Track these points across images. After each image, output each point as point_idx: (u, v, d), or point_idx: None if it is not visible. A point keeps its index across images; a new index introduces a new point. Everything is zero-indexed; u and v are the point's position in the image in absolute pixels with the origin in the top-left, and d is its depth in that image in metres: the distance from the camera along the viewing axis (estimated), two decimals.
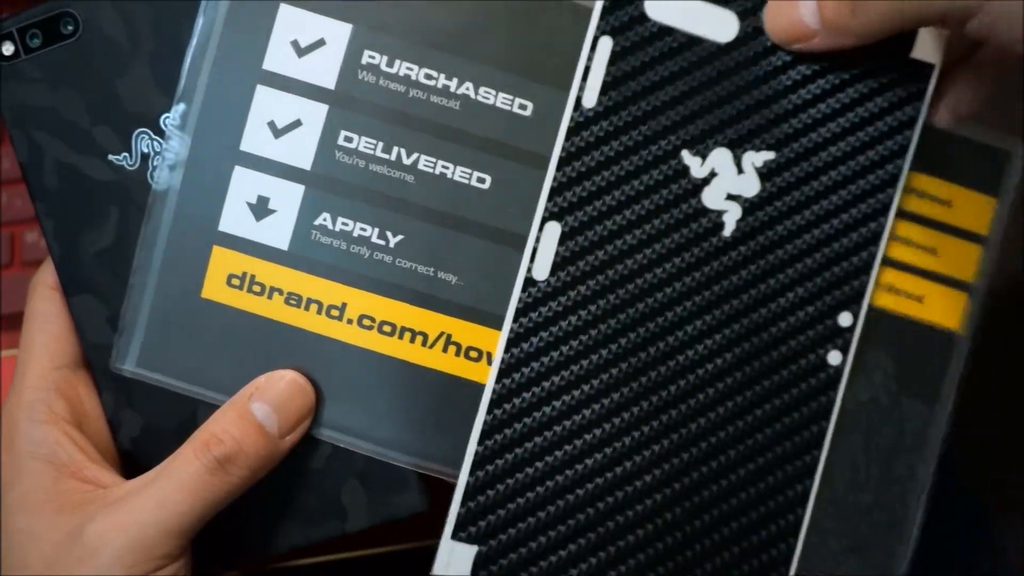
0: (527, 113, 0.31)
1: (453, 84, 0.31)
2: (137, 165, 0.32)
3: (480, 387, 0.31)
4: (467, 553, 0.30)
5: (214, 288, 0.31)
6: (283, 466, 0.31)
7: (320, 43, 0.31)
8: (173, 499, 0.29)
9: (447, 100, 0.31)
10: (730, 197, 0.31)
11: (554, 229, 0.30)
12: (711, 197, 0.31)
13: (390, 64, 0.31)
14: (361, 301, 0.31)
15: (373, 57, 0.31)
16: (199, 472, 0.29)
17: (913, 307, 0.32)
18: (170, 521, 0.29)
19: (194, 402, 0.31)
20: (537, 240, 0.30)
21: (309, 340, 0.31)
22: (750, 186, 0.31)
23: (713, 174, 0.31)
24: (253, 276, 0.31)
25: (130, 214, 0.32)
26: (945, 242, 0.33)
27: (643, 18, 0.31)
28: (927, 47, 0.31)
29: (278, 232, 0.31)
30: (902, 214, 0.32)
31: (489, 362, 0.31)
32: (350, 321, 0.31)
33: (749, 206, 0.31)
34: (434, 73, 0.31)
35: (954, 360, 0.32)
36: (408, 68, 0.31)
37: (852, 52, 0.30)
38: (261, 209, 0.31)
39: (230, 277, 0.31)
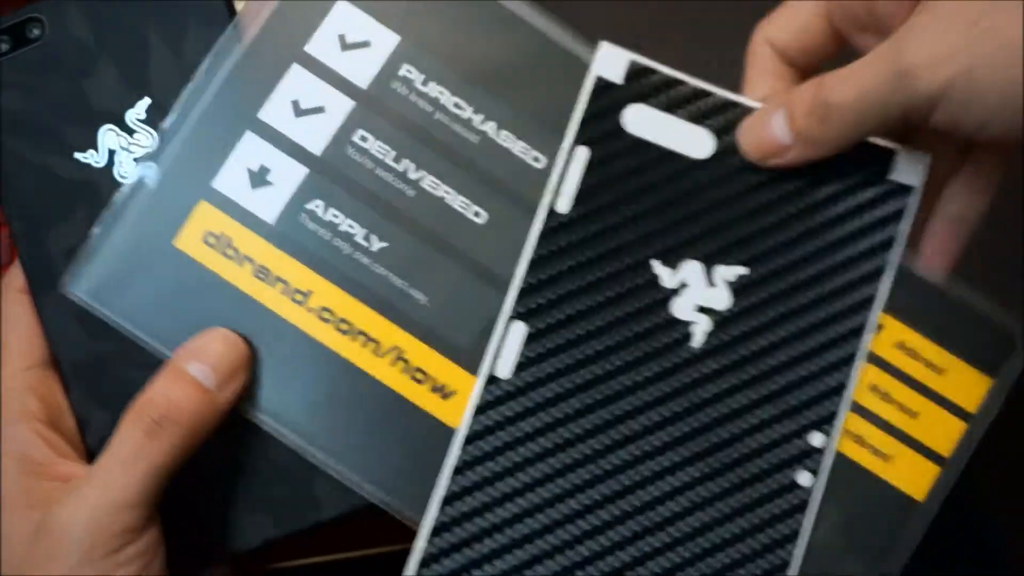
0: (540, 166, 0.32)
1: (478, 119, 0.32)
2: (104, 163, 0.33)
3: (417, 409, 0.31)
4: None
5: (189, 240, 0.31)
6: (252, 458, 0.31)
7: (365, 44, 0.32)
8: (118, 474, 0.28)
9: (468, 132, 0.32)
10: (700, 309, 0.31)
11: (520, 329, 0.31)
12: (681, 308, 0.31)
13: (425, 83, 0.32)
14: (327, 293, 0.31)
15: (410, 72, 0.32)
16: (137, 439, 0.29)
17: (879, 465, 0.31)
18: (121, 496, 0.28)
19: None
20: (502, 339, 0.30)
21: (265, 316, 0.31)
22: (721, 299, 0.31)
23: (684, 285, 0.31)
24: (231, 240, 0.31)
25: (98, 211, 0.32)
26: (929, 409, 0.32)
27: (620, 130, 0.32)
28: (906, 168, 0.31)
29: (269, 205, 0.31)
30: (890, 370, 0.32)
31: (433, 389, 0.31)
32: (311, 309, 0.31)
33: (719, 320, 0.31)
34: (463, 104, 0.32)
35: (910, 528, 0.31)
36: (440, 91, 0.32)
37: (832, 173, 0.31)
38: (259, 178, 0.31)
39: (207, 234, 0.31)
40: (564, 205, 0.31)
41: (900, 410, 0.32)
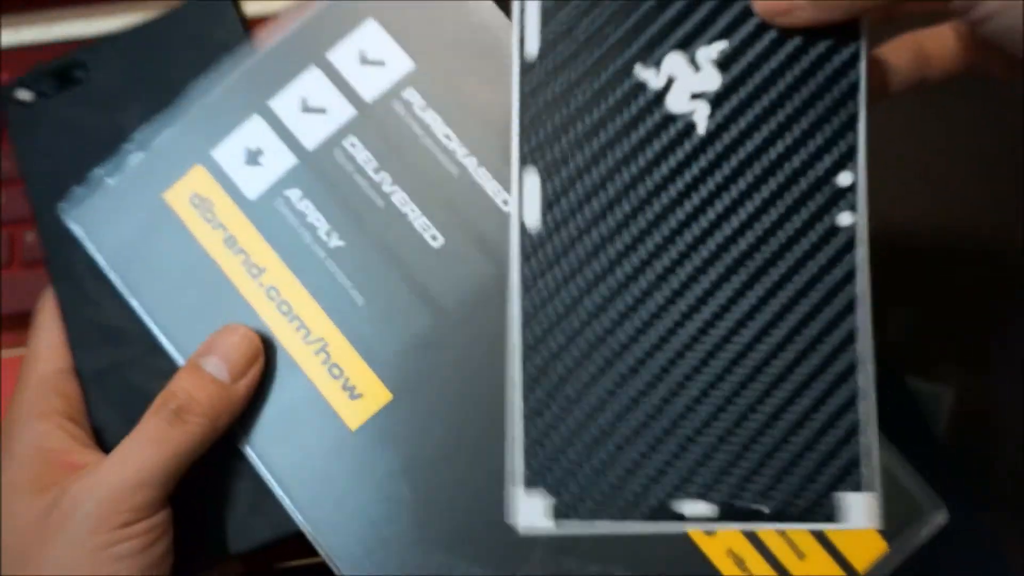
0: (506, 209, 0.33)
1: (462, 153, 0.34)
2: None
3: (324, 403, 0.32)
4: (544, 503, 0.29)
5: (176, 197, 0.34)
6: (249, 463, 0.33)
7: (381, 63, 0.34)
8: (136, 455, 0.31)
9: (449, 163, 0.34)
10: (694, 96, 0.30)
11: (533, 173, 0.30)
12: (675, 102, 0.30)
13: (423, 109, 0.34)
14: (279, 274, 0.33)
15: (413, 96, 0.34)
16: (158, 426, 0.31)
17: None
18: (136, 473, 0.30)
19: None
20: (520, 188, 0.29)
21: (221, 281, 0.33)
22: (711, 80, 0.30)
23: (671, 79, 0.30)
24: (213, 205, 0.34)
25: None
26: (819, 555, 0.32)
27: None
28: None
29: (254, 183, 0.34)
30: None
31: (344, 387, 0.32)
32: (261, 285, 0.33)
33: (715, 99, 0.30)
34: (452, 136, 0.34)
35: None
36: (435, 119, 0.34)
37: None
38: (253, 158, 0.34)
39: (194, 196, 0.34)
40: (532, 48, 0.30)
41: (791, 549, 0.32)
